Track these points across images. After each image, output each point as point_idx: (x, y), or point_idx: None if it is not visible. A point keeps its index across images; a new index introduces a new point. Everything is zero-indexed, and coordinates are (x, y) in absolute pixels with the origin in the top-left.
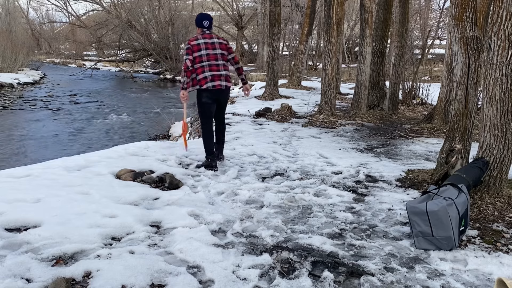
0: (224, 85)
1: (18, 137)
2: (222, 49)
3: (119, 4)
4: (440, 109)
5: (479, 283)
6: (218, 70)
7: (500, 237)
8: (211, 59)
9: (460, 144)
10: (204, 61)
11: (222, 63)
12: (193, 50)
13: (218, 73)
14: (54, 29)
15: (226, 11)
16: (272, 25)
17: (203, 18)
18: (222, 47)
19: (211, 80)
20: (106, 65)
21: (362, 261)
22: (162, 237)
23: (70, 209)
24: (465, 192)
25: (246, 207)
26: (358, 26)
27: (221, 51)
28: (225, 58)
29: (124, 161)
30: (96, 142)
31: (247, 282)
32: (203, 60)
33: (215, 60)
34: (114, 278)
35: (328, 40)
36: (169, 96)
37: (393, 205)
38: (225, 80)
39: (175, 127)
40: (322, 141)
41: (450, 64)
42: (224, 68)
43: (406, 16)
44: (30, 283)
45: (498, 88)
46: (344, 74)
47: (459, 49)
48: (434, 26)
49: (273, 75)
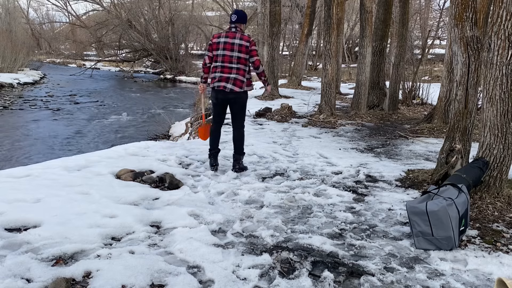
0: (229, 88)
1: (18, 137)
2: (241, 52)
3: (119, 4)
4: (440, 109)
5: (479, 283)
6: (229, 73)
7: (500, 237)
8: (225, 61)
9: (460, 144)
10: (219, 62)
11: (236, 66)
12: (212, 47)
13: (227, 75)
14: (54, 29)
15: (226, 11)
16: (272, 25)
17: (233, 12)
18: (242, 49)
19: (218, 80)
20: (106, 65)
21: (362, 261)
22: (162, 237)
23: (70, 209)
24: (465, 192)
25: (246, 207)
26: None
27: (238, 53)
28: (242, 61)
29: (124, 161)
30: (96, 142)
31: (247, 282)
32: (218, 60)
33: (229, 62)
34: (114, 278)
35: (328, 40)
36: (169, 96)
37: (393, 205)
38: (233, 84)
39: (175, 127)
40: (322, 141)
41: (450, 64)
42: (237, 72)
43: (406, 16)
44: (30, 283)
45: (498, 88)
46: (344, 74)
47: (459, 49)
48: (434, 26)
49: (273, 75)
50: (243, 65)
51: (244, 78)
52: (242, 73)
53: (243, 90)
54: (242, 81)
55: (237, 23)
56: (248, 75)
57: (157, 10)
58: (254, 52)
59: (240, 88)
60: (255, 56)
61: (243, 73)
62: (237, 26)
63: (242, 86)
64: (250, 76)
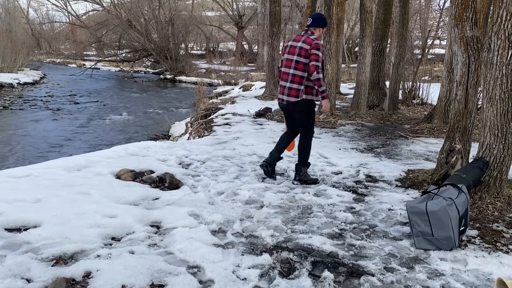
0: (286, 100)
1: (18, 137)
2: (300, 55)
3: (119, 4)
4: (440, 109)
5: (479, 283)
6: (286, 81)
7: (500, 237)
8: (286, 66)
9: (460, 144)
10: (282, 67)
11: (292, 72)
12: (283, 51)
13: (284, 84)
14: (54, 29)
15: (226, 11)
16: (272, 25)
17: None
18: (301, 53)
19: (279, 91)
20: (106, 65)
21: (362, 261)
22: (162, 237)
23: (70, 209)
24: (465, 192)
25: (246, 207)
26: (358, 26)
27: (297, 57)
28: (299, 67)
29: (124, 161)
30: (96, 142)
31: (247, 282)
32: (282, 65)
33: (288, 67)
34: (114, 278)
35: (328, 40)
36: (169, 96)
37: (393, 205)
38: (288, 94)
39: (175, 127)
40: (322, 141)
41: (450, 64)
42: (292, 79)
43: (406, 16)
44: (30, 283)
45: (498, 88)
46: (344, 74)
47: (459, 49)
48: (434, 26)
49: (273, 75)
50: (300, 71)
51: (300, 86)
52: (298, 80)
53: (300, 99)
54: (297, 89)
55: (310, 27)
56: (308, 82)
57: (157, 10)
58: (313, 56)
59: (296, 97)
60: (312, 60)
61: (298, 80)
62: (308, 29)
63: (298, 95)
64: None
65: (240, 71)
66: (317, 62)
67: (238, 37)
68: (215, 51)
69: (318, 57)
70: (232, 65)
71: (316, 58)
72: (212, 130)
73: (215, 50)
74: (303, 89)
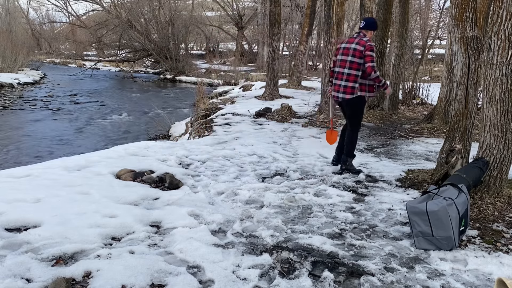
0: (341, 97)
1: (18, 137)
2: (354, 56)
3: (119, 4)
4: (440, 109)
5: (479, 283)
6: (341, 79)
7: (500, 237)
8: (341, 66)
9: (460, 144)
10: (337, 67)
11: (347, 72)
12: (336, 53)
13: (339, 82)
14: (54, 29)
15: (226, 11)
16: (272, 25)
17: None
18: (355, 54)
19: (333, 89)
20: (106, 65)
21: (362, 261)
22: (162, 237)
23: (70, 209)
24: (465, 192)
25: (246, 207)
26: (358, 26)
27: (352, 58)
28: (354, 66)
29: (124, 161)
30: (96, 142)
31: (247, 282)
32: (336, 66)
33: (343, 67)
34: (114, 278)
35: (328, 40)
36: (169, 96)
37: (393, 205)
38: (343, 92)
39: (175, 127)
40: (322, 141)
41: (450, 64)
42: (348, 78)
43: (406, 16)
44: (30, 283)
45: (498, 88)
46: None
47: (459, 49)
48: (434, 26)
49: (273, 75)
50: (355, 70)
51: (355, 84)
52: (353, 79)
53: (355, 95)
54: (352, 87)
55: (363, 29)
56: (362, 80)
57: (157, 10)
58: (368, 58)
59: (352, 94)
60: (368, 62)
61: (353, 78)
62: (361, 32)
63: (353, 92)
64: (365, 82)
65: (240, 71)
66: (373, 63)
67: (238, 37)
68: (215, 51)
69: (373, 58)
70: (232, 65)
71: (371, 59)
72: (212, 130)
73: (215, 50)
74: (357, 87)
